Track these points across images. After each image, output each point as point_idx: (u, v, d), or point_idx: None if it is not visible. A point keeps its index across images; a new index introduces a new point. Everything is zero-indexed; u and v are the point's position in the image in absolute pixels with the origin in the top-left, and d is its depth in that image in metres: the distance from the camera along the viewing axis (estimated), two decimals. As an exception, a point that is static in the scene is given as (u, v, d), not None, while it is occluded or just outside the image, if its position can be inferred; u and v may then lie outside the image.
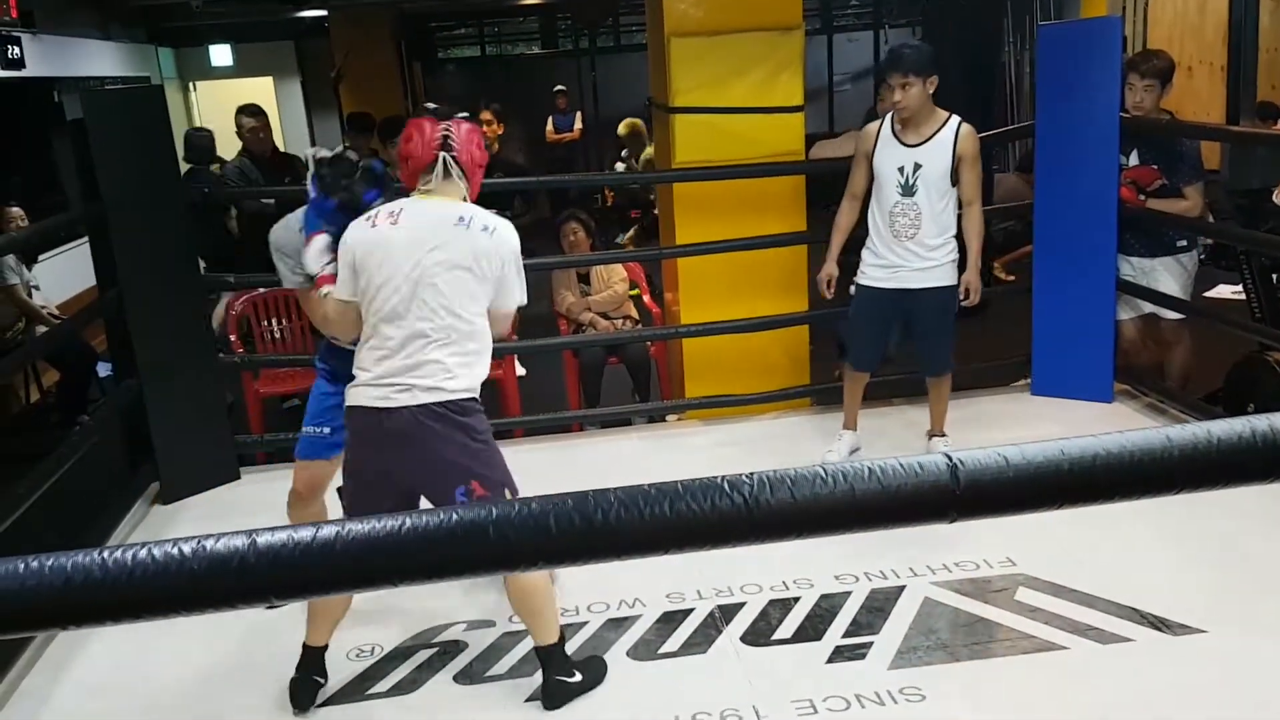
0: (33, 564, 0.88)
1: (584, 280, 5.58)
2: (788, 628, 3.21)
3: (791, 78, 4.79)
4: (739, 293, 4.89)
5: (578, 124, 13.57)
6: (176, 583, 0.88)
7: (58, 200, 8.75)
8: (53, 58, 9.45)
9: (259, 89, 12.22)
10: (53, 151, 9.22)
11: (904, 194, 4.02)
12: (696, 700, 2.86)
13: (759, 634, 3.19)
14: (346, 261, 2.73)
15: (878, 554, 3.53)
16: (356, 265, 2.71)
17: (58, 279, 7.72)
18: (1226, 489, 0.98)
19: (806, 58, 4.96)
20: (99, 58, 10.85)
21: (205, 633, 3.26)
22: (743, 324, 4.83)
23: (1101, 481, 0.95)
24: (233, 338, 5.46)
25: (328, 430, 3.17)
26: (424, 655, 3.18)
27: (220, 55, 13.12)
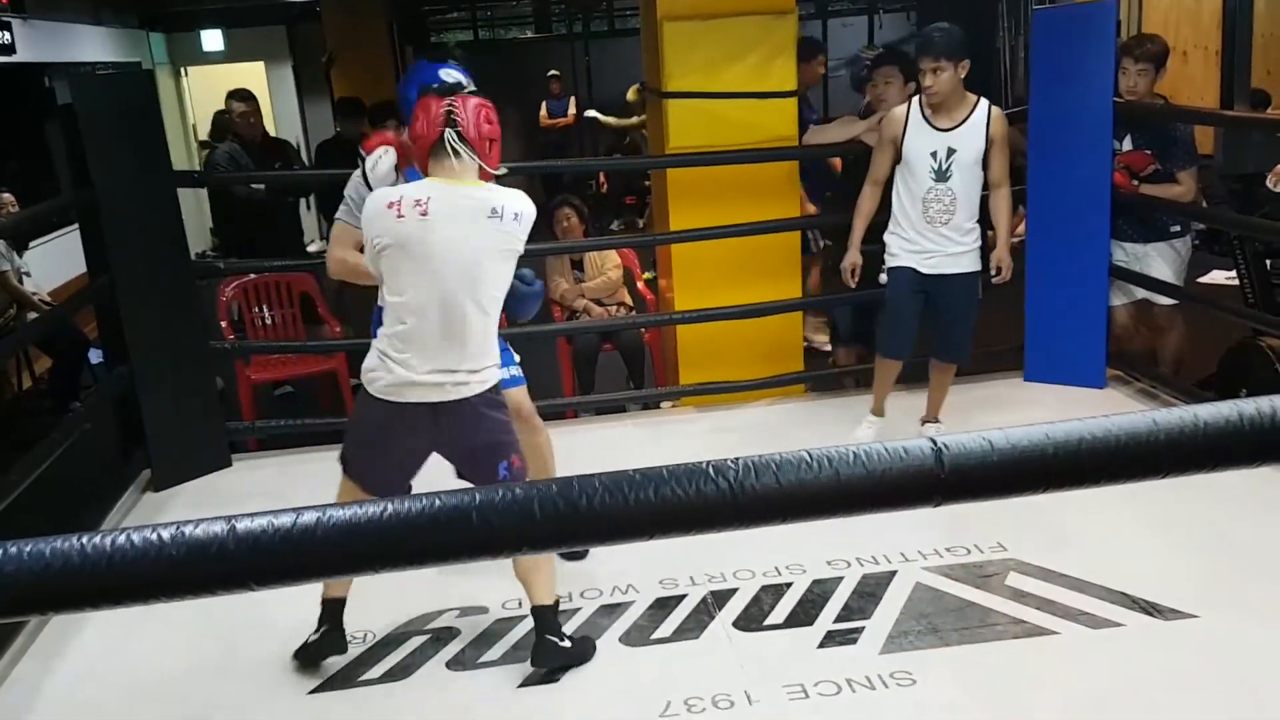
0: (11, 549, 0.88)
1: (577, 266, 5.56)
2: (780, 613, 3.21)
3: (785, 62, 4.77)
4: (733, 279, 4.88)
5: (571, 109, 13.51)
6: (156, 569, 0.87)
7: (51, 187, 8.71)
8: (43, 43, 9.38)
9: (251, 74, 12.15)
10: (45, 138, 9.17)
11: (938, 179, 3.96)
12: (689, 685, 2.86)
13: (751, 619, 3.19)
14: (373, 246, 2.72)
15: (869, 540, 3.53)
16: (385, 257, 2.70)
17: (49, 265, 7.69)
18: (1214, 473, 0.97)
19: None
20: (90, 43, 10.78)
21: (195, 619, 3.26)
22: (737, 310, 4.83)
23: (1087, 465, 0.94)
24: (223, 324, 5.44)
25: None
26: (416, 642, 3.18)
27: (212, 40, 13.03)
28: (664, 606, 3.28)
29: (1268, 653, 2.88)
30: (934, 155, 3.96)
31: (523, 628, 3.19)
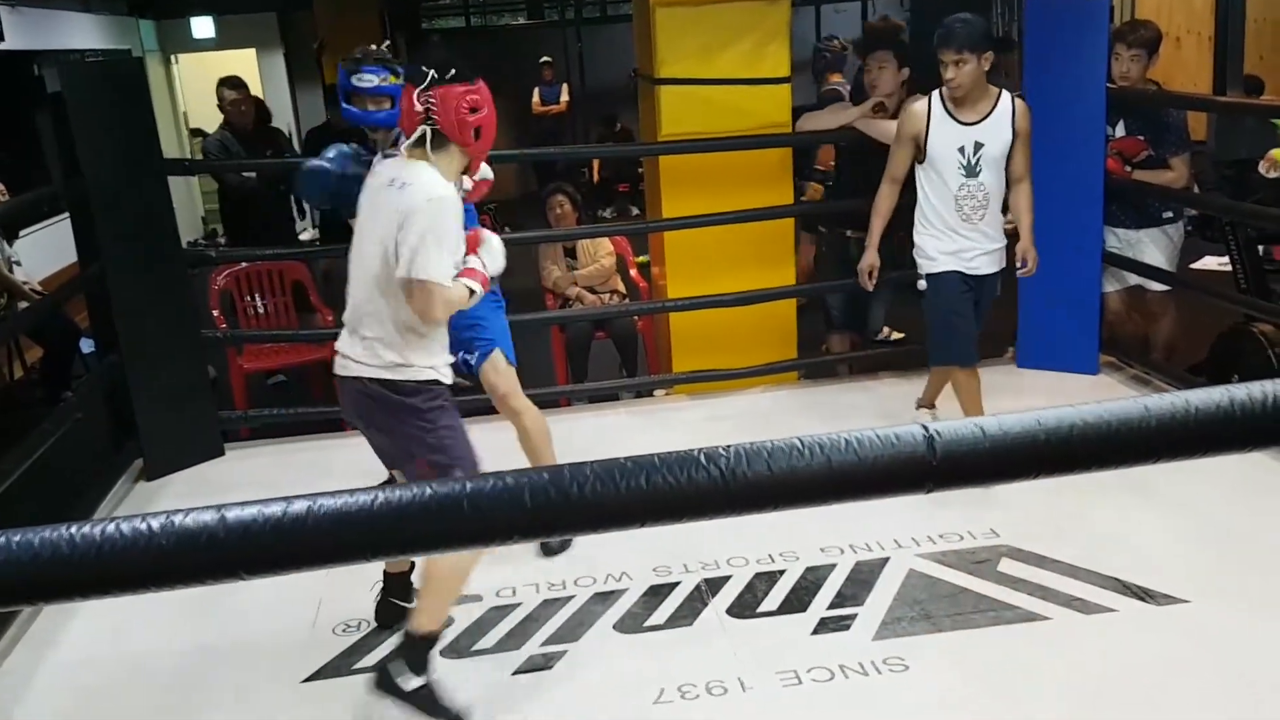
0: (0, 539, 0.87)
1: (570, 254, 5.55)
2: (773, 600, 3.22)
3: (778, 48, 4.76)
4: (726, 266, 4.88)
5: (564, 96, 13.46)
6: (145, 558, 0.87)
7: (41, 175, 8.66)
8: (32, 30, 9.33)
9: (242, 61, 12.08)
10: (35, 126, 9.12)
11: (968, 175, 3.83)
12: (682, 672, 2.87)
13: (745, 606, 3.20)
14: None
15: (863, 527, 3.54)
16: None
17: (40, 255, 7.65)
18: (1206, 458, 0.97)
19: (793, 28, 4.93)
20: (79, 30, 10.72)
21: (188, 609, 3.24)
22: (730, 298, 4.82)
23: (1078, 451, 0.94)
24: (216, 313, 5.43)
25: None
26: (410, 629, 3.18)
27: (202, 27, 12.96)
28: (658, 594, 3.29)
29: (1259, 637, 2.89)
30: (961, 151, 3.83)
31: (516, 615, 3.20)
